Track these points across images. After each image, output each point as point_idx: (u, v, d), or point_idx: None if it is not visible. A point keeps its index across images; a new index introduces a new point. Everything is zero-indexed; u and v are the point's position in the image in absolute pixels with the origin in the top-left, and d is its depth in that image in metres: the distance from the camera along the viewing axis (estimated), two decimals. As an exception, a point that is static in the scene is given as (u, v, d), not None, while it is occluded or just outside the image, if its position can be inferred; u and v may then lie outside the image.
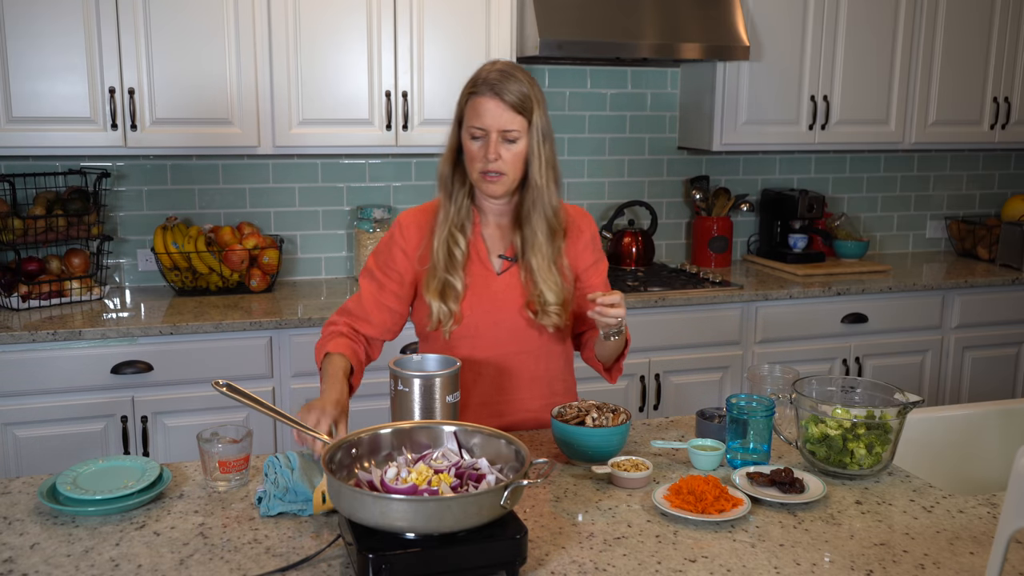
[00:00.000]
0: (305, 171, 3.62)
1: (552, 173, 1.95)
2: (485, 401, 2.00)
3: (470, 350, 1.97)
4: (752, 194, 4.20)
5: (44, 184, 3.32)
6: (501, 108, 1.86)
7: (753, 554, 1.48)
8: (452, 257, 1.94)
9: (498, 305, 1.98)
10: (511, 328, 1.99)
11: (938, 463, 2.08)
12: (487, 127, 1.87)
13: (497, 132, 1.87)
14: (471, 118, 1.89)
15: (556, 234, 1.98)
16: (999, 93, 4.08)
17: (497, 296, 1.98)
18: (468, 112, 1.90)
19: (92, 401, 2.92)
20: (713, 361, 3.54)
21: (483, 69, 1.91)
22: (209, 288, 3.37)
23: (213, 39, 3.11)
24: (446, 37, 3.32)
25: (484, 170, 1.89)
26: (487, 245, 2.01)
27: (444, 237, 1.94)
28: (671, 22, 3.47)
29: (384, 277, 2.00)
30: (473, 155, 1.90)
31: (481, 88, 1.88)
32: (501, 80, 1.87)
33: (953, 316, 3.86)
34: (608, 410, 1.87)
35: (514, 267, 2.00)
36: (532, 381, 2.03)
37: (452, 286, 1.94)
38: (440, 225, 1.96)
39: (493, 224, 2.02)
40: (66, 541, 1.50)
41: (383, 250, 2.02)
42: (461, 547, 1.34)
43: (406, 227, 2.00)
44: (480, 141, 1.89)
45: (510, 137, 1.88)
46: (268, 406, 1.68)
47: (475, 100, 1.88)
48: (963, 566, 1.45)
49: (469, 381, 1.97)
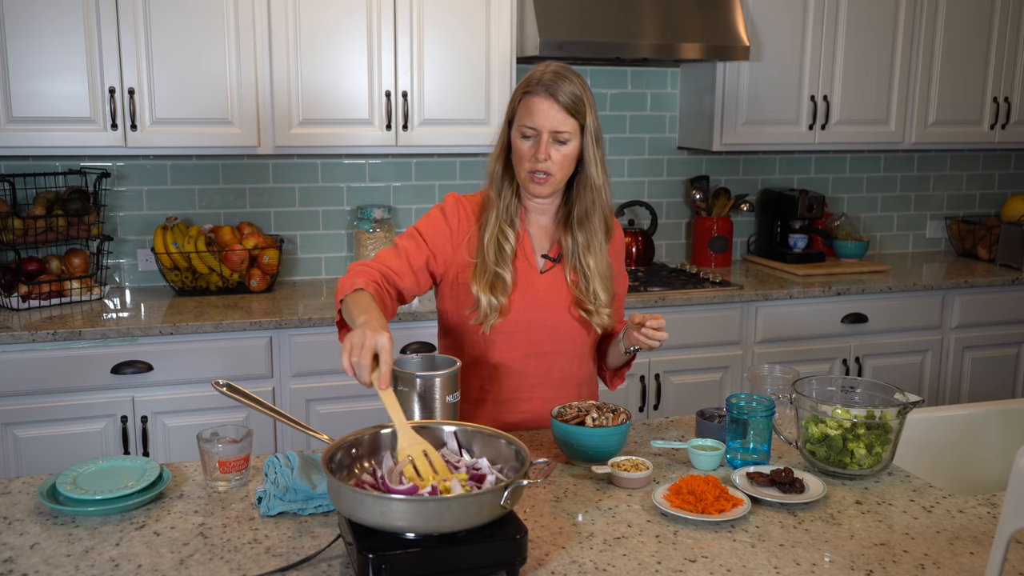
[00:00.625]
0: (305, 171, 3.62)
1: (606, 175, 1.98)
2: (510, 398, 2.01)
3: (507, 345, 1.98)
4: (752, 194, 4.20)
5: (44, 184, 3.32)
6: (554, 109, 1.87)
7: (753, 554, 1.48)
8: (502, 251, 1.95)
9: (540, 303, 1.99)
10: (551, 327, 2.00)
11: (938, 463, 2.08)
12: (539, 127, 1.88)
13: (549, 133, 1.88)
14: (523, 117, 1.89)
15: (609, 235, 2.02)
16: (999, 93, 4.08)
17: (540, 294, 1.99)
18: (521, 111, 1.90)
19: (92, 401, 2.92)
20: (713, 361, 3.54)
21: (537, 70, 1.92)
22: (209, 288, 3.37)
23: (213, 39, 3.11)
24: (446, 37, 3.32)
25: (532, 170, 1.90)
26: (532, 242, 2.02)
27: (494, 232, 1.95)
28: (671, 22, 3.47)
29: (424, 245, 1.96)
30: (522, 154, 1.91)
31: (536, 88, 1.88)
32: (555, 81, 1.88)
33: (953, 316, 3.86)
34: (608, 410, 1.87)
35: (557, 267, 2.02)
36: (564, 382, 2.04)
37: (502, 279, 1.94)
38: (490, 220, 1.96)
39: (535, 223, 2.03)
40: (66, 541, 1.50)
41: (430, 222, 1.99)
42: (461, 547, 1.34)
43: (456, 207, 1.99)
44: (531, 141, 1.90)
45: (561, 139, 1.89)
46: (268, 406, 1.68)
47: (529, 100, 1.89)
48: (963, 566, 1.45)
49: (499, 377, 1.99)
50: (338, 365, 3.22)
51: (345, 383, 3.13)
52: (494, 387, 2.01)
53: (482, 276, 1.94)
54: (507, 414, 2.02)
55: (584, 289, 2.00)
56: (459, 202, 2.01)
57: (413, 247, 1.96)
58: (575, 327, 2.01)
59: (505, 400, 2.01)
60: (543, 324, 1.99)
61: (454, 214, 1.99)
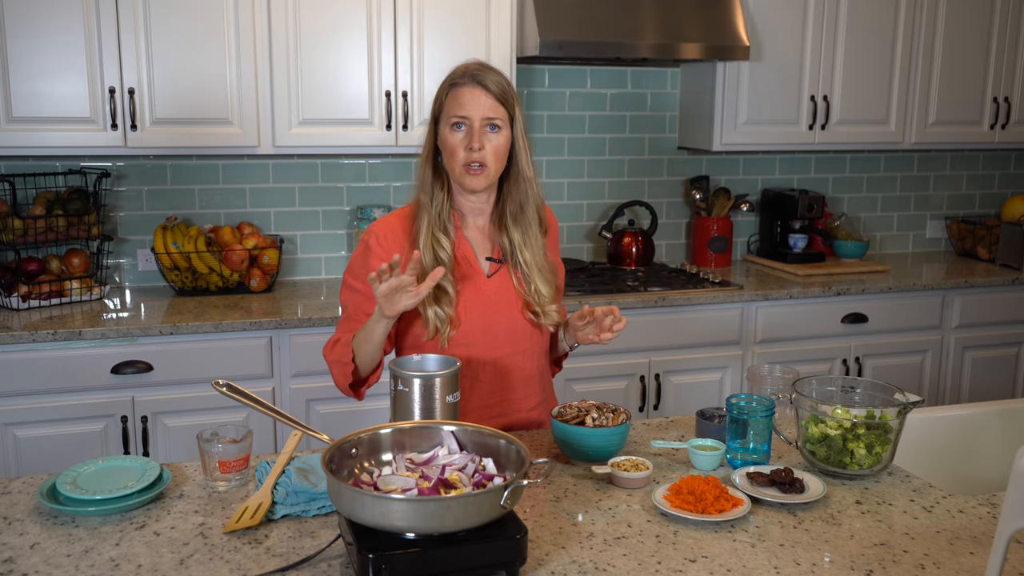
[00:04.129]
0: (305, 171, 3.62)
1: (534, 167, 1.97)
2: (484, 404, 1.99)
3: (466, 355, 1.93)
4: (752, 194, 4.20)
5: (44, 184, 3.32)
6: (484, 96, 1.87)
7: (753, 554, 1.48)
8: (438, 261, 1.90)
9: (492, 308, 1.96)
10: (507, 330, 1.97)
11: (938, 463, 2.08)
12: (471, 115, 1.87)
13: (480, 120, 1.87)
14: (452, 108, 1.88)
15: (543, 227, 2.00)
16: (999, 93, 4.08)
17: (490, 299, 1.96)
18: (449, 103, 1.89)
19: (92, 401, 2.92)
20: (713, 361, 3.54)
21: (459, 66, 1.92)
22: (209, 288, 3.37)
23: (213, 39, 3.11)
24: (446, 37, 3.32)
25: (468, 161, 1.87)
26: (472, 248, 1.99)
27: (427, 241, 1.90)
28: (671, 22, 3.47)
29: (366, 287, 1.90)
30: (455, 147, 1.88)
31: (462, 79, 1.88)
32: (481, 70, 1.89)
33: (953, 316, 3.86)
34: (608, 410, 1.87)
35: (503, 268, 1.99)
36: (527, 380, 2.02)
37: (444, 290, 1.90)
38: (422, 230, 1.91)
39: (473, 226, 2.00)
40: (66, 541, 1.50)
41: (359, 264, 1.95)
42: (461, 547, 1.34)
43: (382, 236, 1.94)
44: (462, 131, 1.88)
45: (494, 123, 1.88)
46: (268, 406, 1.68)
47: (457, 91, 1.89)
48: (963, 566, 1.45)
49: (466, 387, 1.94)
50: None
51: (345, 383, 3.13)
52: (471, 395, 1.96)
53: None
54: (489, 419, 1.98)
55: (528, 289, 1.97)
56: (382, 227, 1.96)
57: (359, 300, 1.94)
58: (528, 327, 1.99)
59: (477, 408, 1.98)
60: (498, 328, 1.96)
61: (377, 243, 1.94)
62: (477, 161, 1.88)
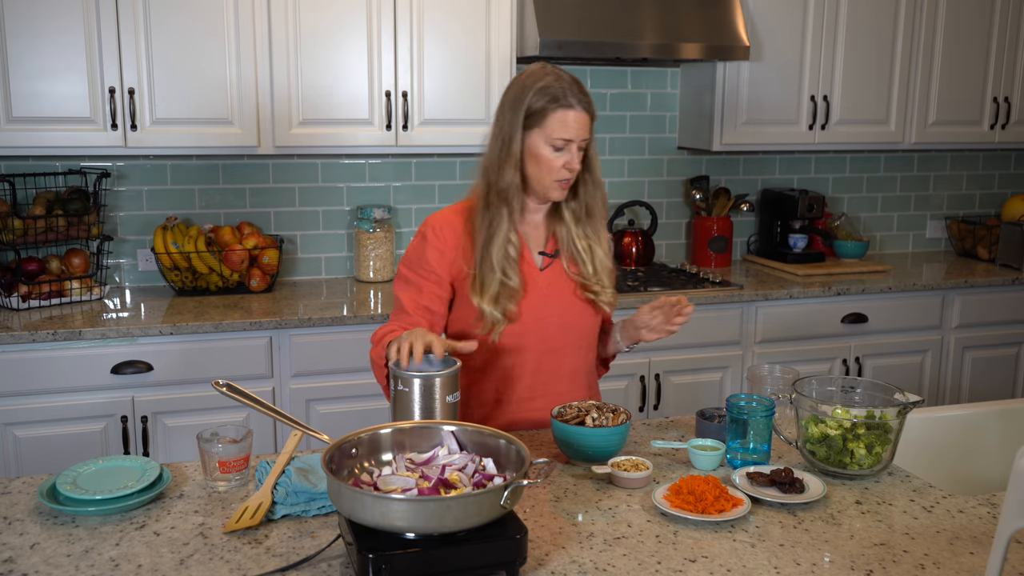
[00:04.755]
0: (305, 171, 3.62)
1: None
2: (530, 396, 2.03)
3: (516, 346, 1.99)
4: (752, 194, 4.20)
5: (44, 184, 3.32)
6: (586, 120, 1.93)
7: (753, 554, 1.48)
8: (508, 258, 1.96)
9: (545, 300, 2.01)
10: (560, 323, 2.02)
11: (938, 463, 2.08)
12: (574, 138, 1.91)
13: (579, 142, 1.93)
14: (559, 130, 1.90)
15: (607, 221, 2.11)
16: (999, 93, 4.08)
17: (543, 292, 2.01)
18: (554, 123, 1.90)
19: (92, 401, 2.92)
20: (713, 361, 3.54)
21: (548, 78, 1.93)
22: (209, 288, 3.37)
23: (213, 39, 3.11)
24: (446, 37, 3.32)
25: (562, 179, 1.94)
26: (528, 243, 2.04)
27: (503, 241, 1.95)
28: (671, 22, 3.47)
29: (422, 280, 1.99)
30: (552, 165, 1.92)
31: (571, 100, 1.91)
32: (580, 92, 1.93)
33: (953, 316, 3.86)
34: (608, 410, 1.87)
35: (556, 261, 2.04)
36: (573, 374, 2.07)
37: (509, 287, 1.95)
38: (497, 230, 1.95)
39: (529, 222, 2.05)
40: (66, 541, 1.50)
41: (415, 256, 2.01)
42: (461, 547, 1.34)
43: (439, 228, 2.00)
44: (562, 152, 1.92)
45: (583, 145, 1.94)
46: (268, 406, 1.68)
47: (564, 113, 1.90)
48: (963, 566, 1.45)
49: (513, 378, 2.00)
50: (338, 365, 3.25)
51: (345, 383, 3.13)
52: (508, 389, 2.02)
53: (485, 287, 1.94)
54: (523, 412, 2.04)
55: (588, 274, 2.03)
56: (440, 220, 2.02)
57: (413, 293, 1.98)
58: (582, 315, 2.04)
59: (519, 400, 2.03)
60: (551, 320, 2.01)
61: (435, 235, 1.99)
62: (568, 179, 1.95)
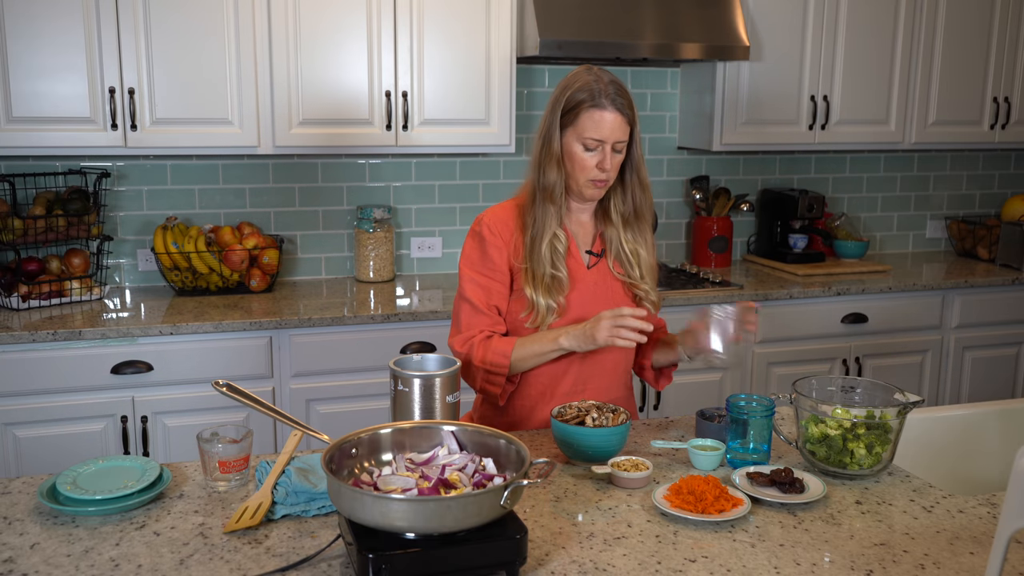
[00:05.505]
0: (305, 171, 3.62)
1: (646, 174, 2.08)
2: (575, 390, 2.07)
3: None
4: (752, 194, 4.20)
5: (44, 184, 3.32)
6: (620, 121, 1.95)
7: (753, 554, 1.48)
8: (556, 252, 2.00)
9: (592, 297, 2.04)
10: None
11: (938, 463, 2.08)
12: (605, 139, 1.94)
13: (612, 143, 1.95)
14: (589, 129, 1.94)
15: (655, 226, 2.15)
16: (999, 93, 4.08)
17: (590, 288, 2.05)
18: (586, 123, 1.94)
19: (92, 401, 2.92)
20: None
21: (587, 78, 1.96)
22: (209, 288, 3.37)
23: (213, 39, 3.11)
24: (446, 37, 3.32)
25: (596, 178, 1.97)
26: (576, 241, 2.08)
27: (550, 238, 2.00)
28: (671, 22, 3.47)
29: (488, 280, 2.03)
30: (585, 164, 1.96)
31: (602, 101, 1.94)
32: (618, 93, 1.95)
33: (953, 316, 3.86)
34: (608, 410, 1.88)
35: (602, 261, 2.08)
36: (615, 369, 2.10)
37: (559, 280, 2.00)
38: (548, 225, 2.00)
39: (576, 221, 2.09)
40: (66, 541, 1.50)
41: (476, 256, 2.05)
42: (461, 547, 1.34)
43: (494, 225, 2.04)
44: (594, 152, 1.96)
45: (618, 148, 1.97)
46: (268, 406, 1.68)
47: (597, 112, 1.93)
48: (963, 566, 1.45)
49: (559, 372, 2.04)
50: (338, 365, 3.24)
51: (345, 383, 3.13)
52: (555, 382, 2.06)
53: (537, 280, 1.99)
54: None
55: (636, 276, 2.08)
56: (492, 217, 2.06)
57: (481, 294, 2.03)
58: None
59: (564, 394, 2.06)
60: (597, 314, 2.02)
61: (491, 232, 2.04)
62: (603, 179, 1.98)
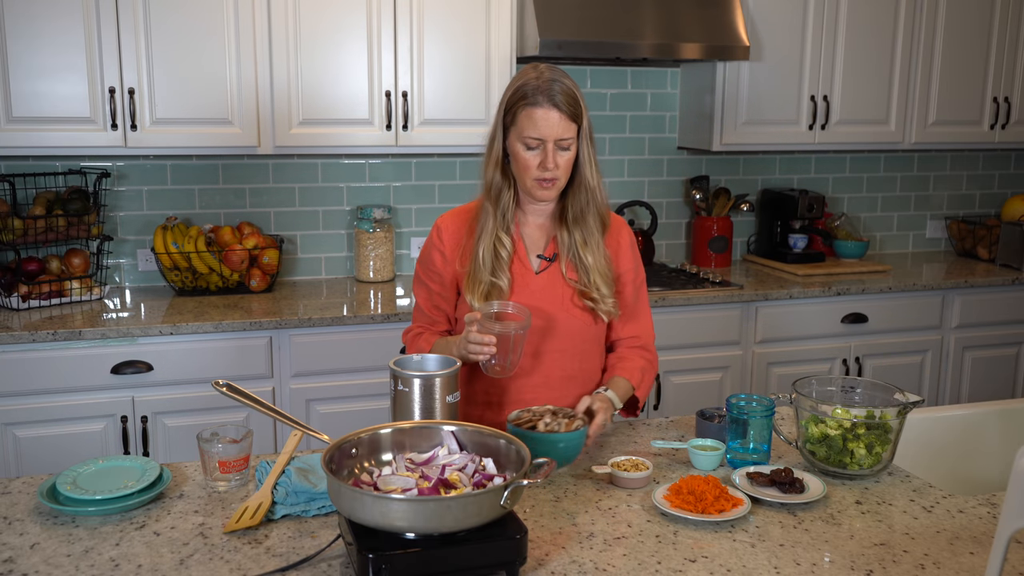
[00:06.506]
0: (305, 171, 3.62)
1: (599, 173, 2.00)
2: (515, 400, 2.00)
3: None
4: (752, 194, 4.20)
5: (44, 184, 3.32)
6: (557, 117, 1.88)
7: (753, 554, 1.48)
8: (498, 258, 1.97)
9: (536, 304, 1.99)
10: (547, 327, 2.00)
11: (938, 463, 2.08)
12: (544, 137, 1.89)
13: (554, 141, 1.89)
14: (527, 128, 1.89)
15: (605, 232, 2.04)
16: (999, 93, 4.08)
17: (536, 294, 2.00)
18: (523, 121, 1.89)
19: (92, 401, 2.92)
20: (713, 361, 3.54)
21: (529, 76, 1.91)
22: (209, 288, 3.37)
23: (213, 39, 3.11)
24: (446, 37, 3.32)
25: (540, 178, 1.92)
26: (525, 244, 2.04)
27: (491, 241, 1.96)
28: (671, 22, 3.47)
29: (430, 281, 2.05)
30: (527, 164, 1.91)
31: (537, 98, 1.88)
32: (554, 89, 1.88)
33: (953, 316, 3.86)
34: (564, 415, 1.80)
35: (553, 266, 2.02)
36: (567, 380, 2.03)
37: (498, 287, 1.96)
38: (486, 230, 1.97)
39: (532, 224, 2.05)
40: (66, 541, 1.50)
41: (424, 256, 2.06)
42: (461, 547, 1.34)
43: (443, 230, 2.03)
44: (536, 151, 1.90)
45: (564, 145, 1.91)
46: (268, 406, 1.68)
47: (531, 110, 1.88)
48: (963, 566, 1.45)
49: (505, 381, 1.98)
50: (338, 365, 3.24)
51: (345, 383, 3.13)
52: (498, 390, 2.01)
53: (476, 285, 1.95)
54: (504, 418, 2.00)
55: (586, 282, 2.00)
56: (446, 221, 2.05)
57: (425, 294, 2.06)
58: (576, 321, 2.01)
59: (510, 402, 2.00)
60: (538, 324, 1.99)
61: (438, 238, 2.03)
62: (549, 178, 1.92)
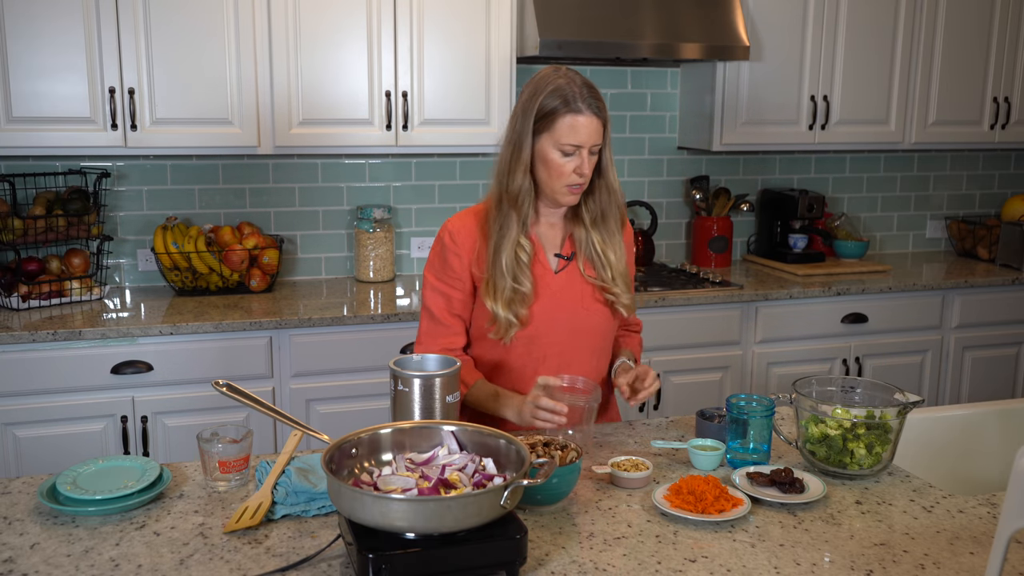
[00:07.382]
0: (305, 171, 3.62)
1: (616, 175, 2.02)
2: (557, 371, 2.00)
3: (526, 349, 1.98)
4: (752, 194, 4.20)
5: (44, 184, 3.32)
6: (598, 124, 1.90)
7: (753, 554, 1.48)
8: (519, 263, 1.95)
9: (557, 303, 1.99)
10: (570, 325, 2.00)
11: (938, 463, 2.08)
12: (584, 144, 1.89)
13: (590, 147, 1.90)
14: (567, 136, 1.88)
15: (623, 228, 2.06)
16: (999, 93, 4.08)
17: (556, 294, 2.00)
18: (563, 129, 1.88)
19: (92, 401, 2.92)
20: (713, 361, 3.54)
21: (560, 81, 1.90)
22: (209, 288, 3.37)
23: (213, 39, 3.11)
24: (446, 37, 3.32)
25: (573, 183, 1.92)
26: (543, 244, 2.03)
27: (512, 246, 1.94)
28: (671, 22, 3.47)
29: (449, 288, 2.00)
30: (561, 170, 1.90)
31: (579, 105, 1.88)
32: (592, 96, 1.90)
33: (953, 316, 3.86)
34: (557, 447, 1.68)
35: (571, 264, 2.02)
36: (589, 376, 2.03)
37: (521, 292, 1.94)
38: (509, 234, 1.94)
39: (544, 223, 2.03)
40: (66, 541, 1.50)
41: (438, 262, 2.02)
42: (461, 547, 1.34)
43: (456, 232, 2.00)
44: (572, 157, 1.90)
45: (595, 150, 1.92)
46: (268, 406, 1.68)
47: (575, 118, 1.88)
48: (963, 566, 1.45)
49: (527, 377, 1.99)
50: (338, 365, 3.24)
51: (345, 383, 3.13)
52: (515, 390, 2.00)
53: (498, 292, 1.93)
54: None
55: (605, 278, 2.02)
56: (456, 224, 2.01)
57: (442, 302, 2.00)
58: (596, 317, 2.02)
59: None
60: (561, 323, 1.99)
61: (452, 241, 2.00)
62: (580, 183, 1.92)
